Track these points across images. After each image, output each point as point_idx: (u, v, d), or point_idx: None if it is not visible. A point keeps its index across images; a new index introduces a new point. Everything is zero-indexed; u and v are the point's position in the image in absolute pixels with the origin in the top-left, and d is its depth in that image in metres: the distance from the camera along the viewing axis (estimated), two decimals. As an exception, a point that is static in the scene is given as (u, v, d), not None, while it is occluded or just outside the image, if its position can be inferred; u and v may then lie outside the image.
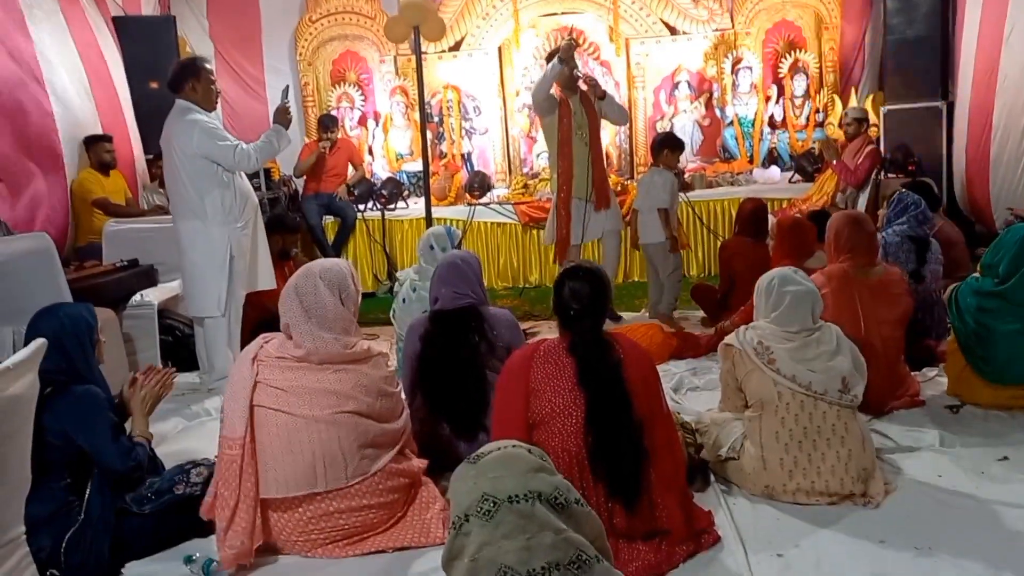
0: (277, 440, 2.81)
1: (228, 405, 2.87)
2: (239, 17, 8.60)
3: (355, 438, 2.85)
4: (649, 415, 2.78)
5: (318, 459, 2.80)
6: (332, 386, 2.86)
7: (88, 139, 6.58)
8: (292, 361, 2.88)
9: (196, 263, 4.62)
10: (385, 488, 2.91)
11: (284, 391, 2.84)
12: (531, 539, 1.71)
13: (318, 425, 2.81)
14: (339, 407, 2.84)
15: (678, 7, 8.30)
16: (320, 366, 2.88)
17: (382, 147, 8.41)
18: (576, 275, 2.89)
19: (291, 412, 2.82)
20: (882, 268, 3.96)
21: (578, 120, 5.50)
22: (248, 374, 2.86)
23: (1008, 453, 3.29)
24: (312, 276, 2.96)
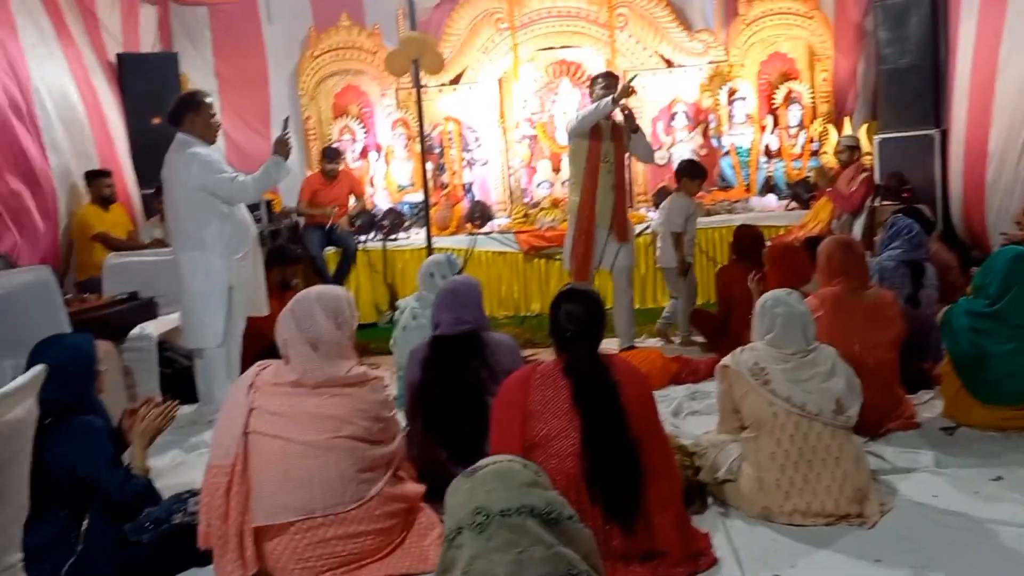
0: (273, 466, 2.80)
1: (219, 432, 2.86)
2: (243, 55, 8.70)
3: (352, 463, 2.85)
4: (646, 436, 2.81)
5: (315, 484, 2.79)
6: (329, 411, 2.87)
7: (88, 174, 6.65)
8: (288, 387, 2.89)
9: (195, 294, 4.65)
10: (382, 514, 2.91)
11: (280, 416, 2.84)
12: (522, 553, 1.73)
13: (315, 450, 2.80)
14: (336, 432, 2.84)
15: (674, 40, 8.41)
16: (316, 390, 2.89)
17: (384, 178, 8.48)
18: (572, 298, 2.93)
19: (288, 438, 2.81)
20: (875, 291, 4.01)
21: (606, 147, 5.45)
22: (244, 401, 2.86)
23: (1002, 473, 3.31)
24: (309, 300, 2.99)
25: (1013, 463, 3.41)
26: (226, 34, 8.69)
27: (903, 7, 7.47)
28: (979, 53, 6.52)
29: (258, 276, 4.93)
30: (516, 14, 8.37)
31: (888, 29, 7.53)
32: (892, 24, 7.50)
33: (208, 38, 8.67)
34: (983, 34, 6.49)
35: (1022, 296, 3.74)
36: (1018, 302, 3.74)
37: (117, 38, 7.57)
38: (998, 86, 6.21)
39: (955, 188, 7.10)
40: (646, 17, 8.37)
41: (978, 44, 6.55)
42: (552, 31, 8.47)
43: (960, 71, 6.94)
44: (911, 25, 7.38)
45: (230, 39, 8.70)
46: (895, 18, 7.48)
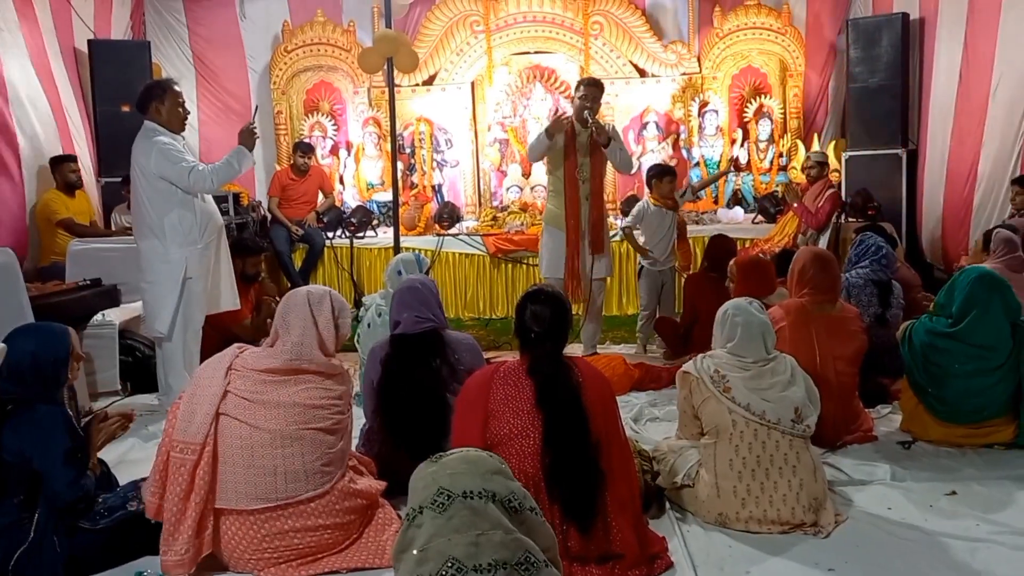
0: (239, 452, 2.80)
1: (188, 408, 2.83)
2: (219, 46, 8.67)
3: (316, 455, 2.85)
4: (606, 439, 2.81)
5: (279, 475, 2.79)
6: (300, 399, 2.87)
7: (53, 160, 6.58)
8: (264, 373, 2.89)
9: (153, 283, 4.60)
10: (342, 508, 2.90)
11: (252, 403, 2.84)
12: (481, 535, 1.74)
13: (283, 440, 2.81)
14: (305, 423, 2.85)
15: (647, 50, 8.47)
16: (292, 378, 2.90)
17: (353, 176, 8.45)
18: (538, 298, 2.93)
19: (256, 425, 2.81)
20: (839, 305, 4.04)
21: (581, 156, 5.39)
22: (220, 382, 2.86)
23: (956, 488, 3.36)
24: (324, 291, 3.07)
25: (967, 478, 3.46)
26: (201, 25, 8.63)
27: (875, 27, 7.60)
28: (969, 74, 6.55)
29: (221, 269, 4.86)
30: (492, 18, 8.39)
31: (860, 48, 7.64)
32: (864, 43, 7.62)
33: (183, 28, 8.59)
34: (972, 56, 6.53)
35: (982, 317, 3.78)
36: (978, 322, 3.78)
37: (89, 25, 7.48)
38: (990, 111, 6.26)
39: (932, 208, 7.18)
40: (621, 26, 8.43)
41: (967, 66, 6.59)
42: (527, 36, 8.51)
43: (940, 92, 7.03)
44: (882, 45, 7.51)
45: (205, 30, 8.64)
46: (867, 38, 7.60)
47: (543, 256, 5.68)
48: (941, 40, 7.02)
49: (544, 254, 5.66)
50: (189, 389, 2.91)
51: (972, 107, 6.50)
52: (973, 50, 6.49)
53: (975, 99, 6.47)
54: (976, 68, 6.46)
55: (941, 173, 7.01)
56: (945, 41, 6.95)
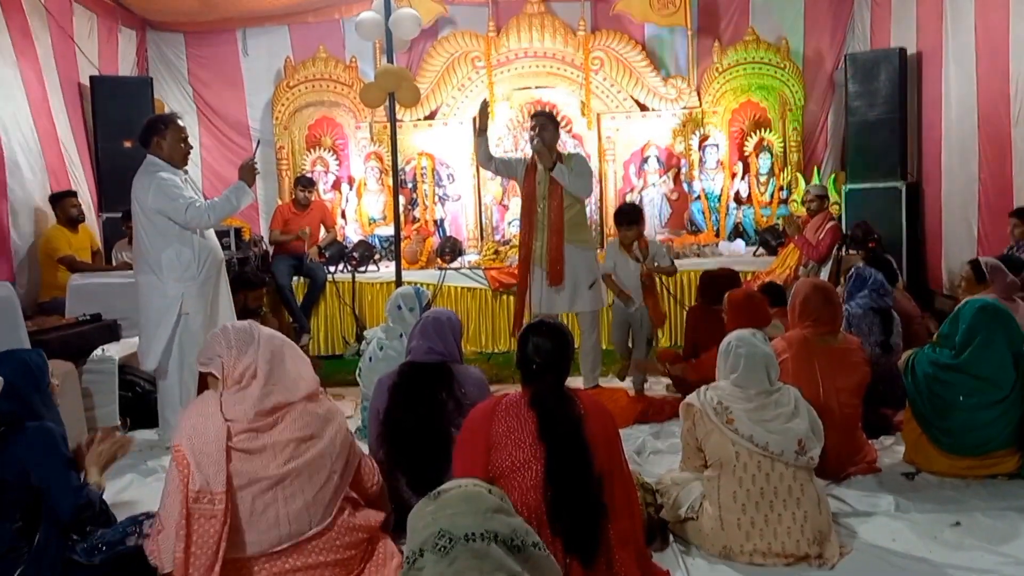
0: (240, 500, 2.69)
1: (195, 457, 2.65)
2: (220, 82, 8.77)
3: (317, 488, 2.78)
4: (609, 472, 2.80)
5: (282, 516, 2.71)
6: (289, 434, 2.79)
7: (54, 196, 6.61)
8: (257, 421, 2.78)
9: (150, 318, 4.59)
10: (342, 544, 2.85)
11: (248, 451, 2.73)
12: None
13: (281, 484, 2.72)
14: (299, 454, 2.77)
15: (648, 85, 8.54)
16: (278, 414, 2.81)
17: (355, 211, 8.48)
18: (539, 330, 2.93)
19: (256, 476, 2.71)
20: (842, 336, 4.04)
21: (541, 189, 5.33)
22: (220, 426, 2.72)
23: (961, 519, 3.33)
24: (280, 340, 2.94)
25: (972, 509, 3.44)
26: (202, 61, 8.74)
27: (873, 62, 7.67)
28: (984, 102, 6.52)
29: (221, 304, 4.83)
30: (493, 53, 8.47)
31: (858, 82, 7.71)
32: (862, 78, 7.69)
33: (184, 65, 8.68)
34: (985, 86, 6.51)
35: (985, 348, 3.78)
36: (981, 353, 3.78)
37: (93, 61, 7.56)
38: (1015, 140, 6.17)
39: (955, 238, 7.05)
40: (621, 61, 8.51)
41: (981, 96, 6.56)
42: (528, 71, 8.59)
43: (952, 120, 7.00)
44: (880, 79, 7.58)
45: (206, 66, 8.74)
46: (865, 72, 7.67)
47: (531, 290, 5.53)
48: (949, 74, 7.03)
49: (531, 287, 5.53)
50: (184, 440, 2.72)
51: (995, 134, 6.42)
52: (987, 82, 6.49)
53: (996, 124, 6.39)
54: (992, 95, 6.43)
55: (971, 205, 6.79)
56: (954, 75, 6.95)
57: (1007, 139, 6.23)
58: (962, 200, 6.90)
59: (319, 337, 7.66)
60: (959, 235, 6.97)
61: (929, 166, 7.58)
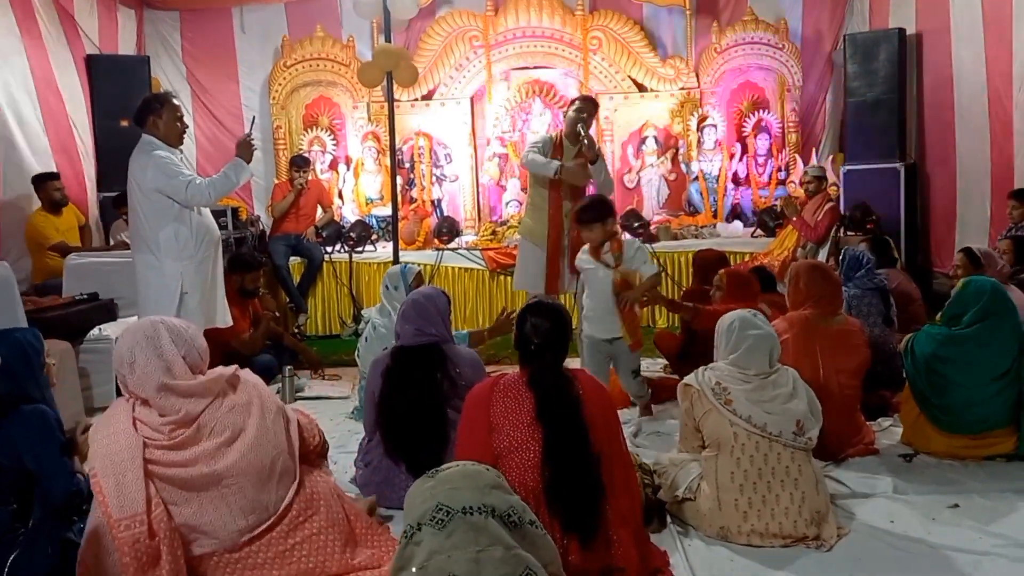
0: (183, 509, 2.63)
1: (111, 480, 2.56)
2: (215, 61, 8.69)
3: (260, 471, 2.72)
4: (607, 452, 2.80)
5: (236, 513, 2.67)
6: (221, 436, 2.70)
7: (36, 178, 6.42)
8: (174, 434, 2.69)
9: (148, 298, 4.56)
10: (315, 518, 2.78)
11: (179, 467, 2.65)
12: (481, 552, 1.72)
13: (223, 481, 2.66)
14: (231, 452, 2.69)
15: (646, 65, 8.49)
16: (197, 422, 2.71)
17: (352, 191, 8.45)
18: (538, 310, 2.93)
19: (191, 483, 2.64)
20: (843, 318, 4.05)
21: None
22: (134, 444, 2.62)
23: (959, 501, 3.34)
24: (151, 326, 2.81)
25: (969, 491, 3.45)
26: (197, 40, 8.66)
27: (872, 42, 7.63)
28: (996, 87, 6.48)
29: (217, 284, 4.82)
30: (491, 33, 8.41)
31: (857, 63, 7.67)
32: (861, 58, 7.65)
33: (178, 43, 8.62)
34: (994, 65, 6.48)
35: (998, 320, 3.80)
36: (995, 324, 3.80)
37: (94, 40, 7.50)
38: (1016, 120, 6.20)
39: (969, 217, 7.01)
40: (620, 41, 8.45)
41: (991, 76, 6.52)
42: (526, 51, 8.52)
43: (965, 105, 6.95)
44: (880, 59, 7.54)
45: (201, 45, 8.67)
46: (864, 52, 7.64)
47: (518, 269, 5.56)
48: (959, 53, 6.98)
49: (519, 267, 5.54)
50: (98, 463, 2.61)
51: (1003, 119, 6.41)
52: (993, 63, 6.46)
53: (1004, 111, 6.38)
54: (999, 80, 6.41)
55: (982, 184, 6.78)
56: (964, 54, 6.91)
57: (1009, 118, 6.22)
58: (974, 181, 6.88)
59: (316, 317, 7.65)
60: (973, 216, 6.94)
61: (934, 147, 7.56)
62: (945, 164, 7.32)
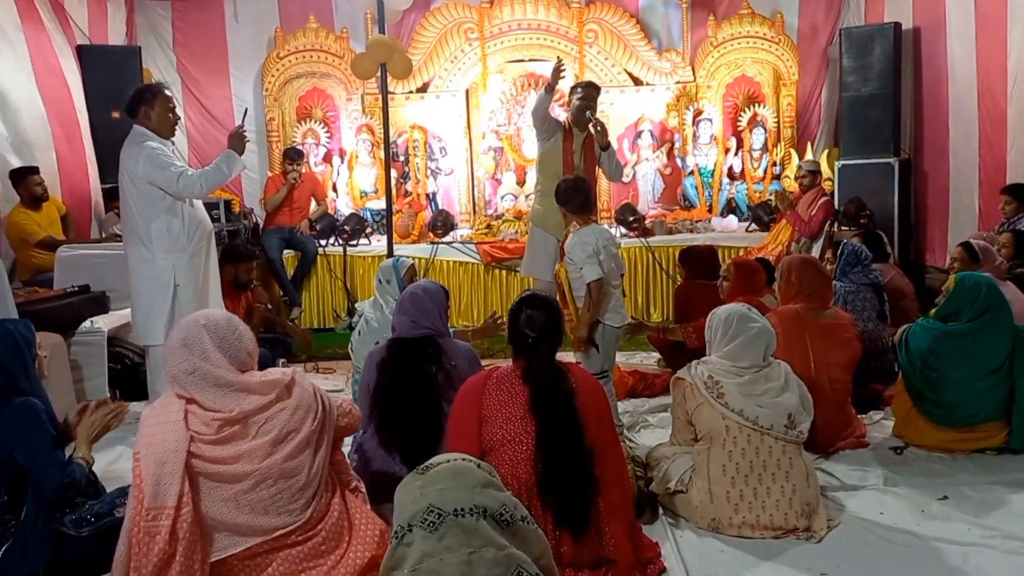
0: (220, 504, 2.60)
1: (151, 469, 2.53)
2: (206, 52, 8.64)
3: (296, 479, 2.67)
4: (600, 445, 2.80)
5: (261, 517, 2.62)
6: (268, 436, 2.66)
7: (16, 172, 6.18)
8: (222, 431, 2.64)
9: (141, 291, 4.55)
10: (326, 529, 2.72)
11: (223, 463, 2.62)
12: (473, 554, 1.71)
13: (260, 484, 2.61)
14: (275, 453, 2.65)
15: (642, 59, 8.48)
16: (248, 421, 2.67)
17: (346, 184, 8.42)
18: (532, 303, 2.92)
19: (234, 479, 2.61)
20: (833, 311, 4.06)
21: (576, 158, 5.30)
22: (181, 438, 2.59)
23: (948, 493, 3.36)
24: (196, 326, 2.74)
25: (959, 483, 3.47)
26: (188, 30, 8.60)
27: (868, 36, 7.63)
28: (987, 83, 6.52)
29: (210, 277, 4.81)
30: (486, 25, 8.39)
31: (852, 57, 7.67)
32: (856, 52, 7.64)
33: (169, 33, 8.57)
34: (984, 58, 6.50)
35: (996, 316, 3.81)
36: (993, 319, 3.81)
37: (84, 30, 7.47)
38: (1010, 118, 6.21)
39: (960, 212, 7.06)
40: (616, 34, 8.43)
41: (981, 70, 6.56)
42: (522, 44, 8.50)
43: (958, 96, 6.99)
44: (875, 54, 7.54)
45: (192, 35, 8.61)
46: (859, 47, 7.63)
47: (528, 256, 5.48)
48: (953, 49, 7.00)
49: (529, 254, 5.47)
50: (143, 448, 2.59)
51: (995, 115, 6.44)
52: (986, 58, 6.47)
53: (997, 107, 6.41)
54: (992, 76, 6.42)
55: (972, 180, 6.84)
56: (958, 50, 6.92)
57: (1001, 114, 6.22)
58: (964, 176, 6.91)
59: (310, 310, 7.64)
60: (964, 211, 6.96)
61: (928, 142, 7.57)
62: (939, 159, 7.34)
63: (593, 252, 4.07)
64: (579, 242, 4.14)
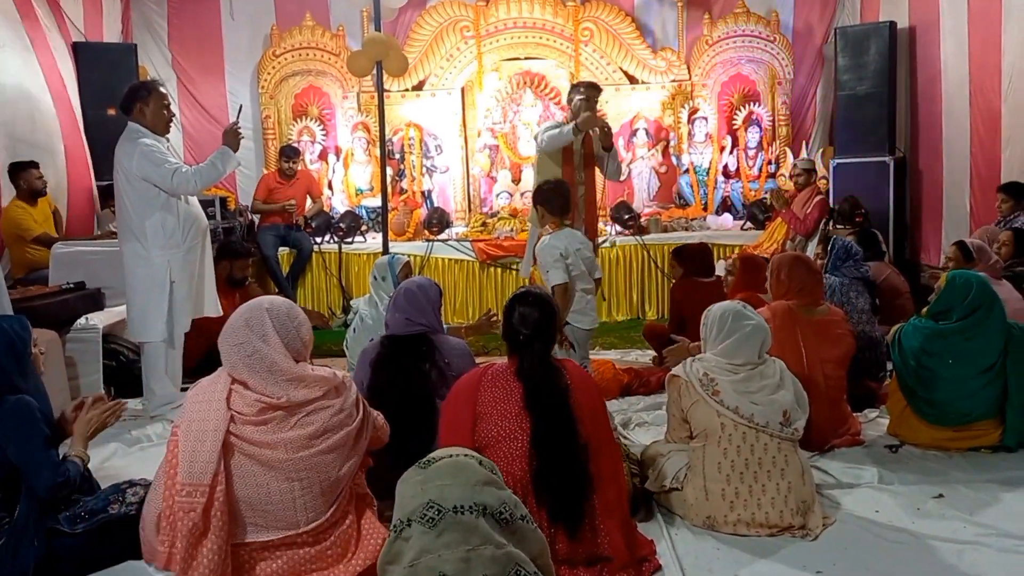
0: (251, 488, 2.62)
1: (189, 446, 2.58)
2: (201, 49, 8.63)
3: (324, 478, 2.68)
4: (595, 442, 2.80)
5: (286, 510, 2.63)
6: (304, 430, 2.66)
7: (16, 166, 6.18)
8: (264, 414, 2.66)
9: (136, 287, 4.54)
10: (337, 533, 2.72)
11: (260, 445, 2.63)
12: (471, 551, 1.71)
13: (290, 476, 2.62)
14: (310, 448, 2.65)
15: (637, 57, 8.48)
16: (293, 411, 2.68)
17: (342, 181, 8.42)
18: (526, 300, 2.92)
19: (267, 463, 2.62)
20: (826, 308, 4.06)
21: (576, 158, 5.32)
22: (221, 417, 2.62)
23: (943, 491, 3.36)
24: (259, 310, 2.76)
25: (954, 481, 3.47)
26: (184, 27, 8.60)
27: (863, 35, 7.64)
28: (980, 83, 6.53)
29: (206, 273, 4.80)
30: (482, 23, 8.39)
31: (847, 56, 7.68)
32: (851, 51, 7.66)
33: (165, 30, 8.56)
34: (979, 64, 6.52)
35: (987, 317, 3.81)
36: (984, 318, 3.81)
37: (79, 27, 7.44)
38: (1004, 115, 6.22)
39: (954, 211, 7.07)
40: (611, 33, 8.44)
41: (973, 69, 6.59)
42: (517, 42, 8.51)
43: (951, 95, 7.01)
44: (870, 53, 7.55)
45: (187, 32, 8.61)
46: (855, 46, 7.64)
47: (528, 255, 5.43)
48: (946, 48, 7.02)
49: (530, 253, 5.40)
50: (183, 423, 2.65)
51: (988, 114, 6.45)
52: (980, 57, 6.48)
53: (991, 106, 6.42)
54: (986, 75, 6.44)
55: (965, 178, 6.86)
56: (951, 49, 6.94)
57: (994, 113, 6.24)
58: (957, 174, 6.92)
59: (305, 308, 7.63)
60: (957, 210, 6.98)
61: (922, 141, 7.59)
62: (933, 158, 7.36)
63: (560, 257, 4.31)
64: (549, 246, 4.38)
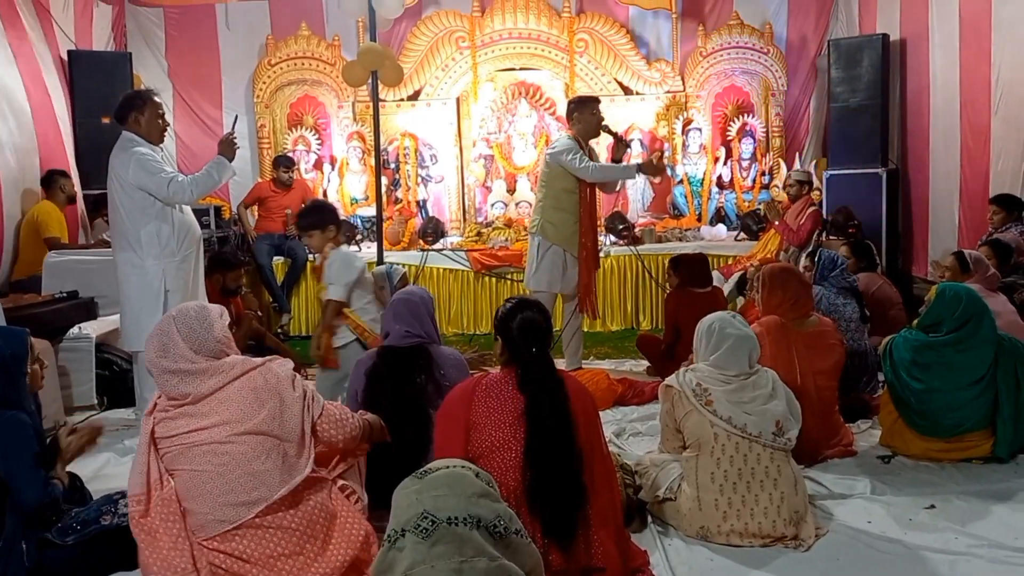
0: (190, 479, 2.66)
1: (135, 460, 2.73)
2: (197, 58, 8.64)
3: (257, 457, 2.67)
4: (589, 453, 2.80)
5: (224, 494, 2.63)
6: (224, 416, 2.69)
7: (53, 173, 6.55)
8: (179, 407, 2.71)
9: (130, 296, 4.52)
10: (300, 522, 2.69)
11: (182, 437, 2.68)
12: (465, 563, 1.70)
13: (218, 456, 2.64)
14: (232, 429, 2.67)
15: (632, 68, 8.52)
16: (205, 402, 2.72)
17: (337, 191, 8.42)
18: (527, 307, 2.90)
19: (195, 449, 2.66)
20: (816, 319, 4.07)
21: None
22: (146, 429, 2.70)
23: (935, 502, 3.37)
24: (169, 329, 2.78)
25: (946, 492, 3.48)
26: (180, 37, 8.61)
27: (856, 47, 7.68)
28: (970, 95, 6.58)
29: (200, 282, 4.79)
30: (477, 34, 8.42)
31: (841, 68, 7.73)
32: (845, 63, 7.70)
33: (161, 40, 8.57)
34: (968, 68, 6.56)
35: (977, 329, 3.83)
36: (974, 330, 3.83)
37: (70, 35, 7.44)
38: (994, 128, 6.26)
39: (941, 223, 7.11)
40: (606, 44, 8.48)
41: (964, 80, 6.63)
42: (512, 52, 8.53)
43: (940, 107, 7.05)
44: (863, 65, 7.60)
45: (184, 42, 8.62)
46: (848, 58, 7.69)
47: (542, 269, 5.39)
48: (935, 60, 7.07)
49: (538, 268, 5.40)
50: None
51: (978, 127, 6.49)
52: (970, 70, 6.53)
53: (980, 119, 6.46)
54: (976, 88, 6.48)
55: (953, 191, 6.89)
56: (940, 61, 6.99)
57: (983, 126, 6.27)
58: (946, 187, 6.95)
59: (299, 317, 7.62)
60: (944, 222, 7.01)
61: (915, 153, 7.62)
62: (925, 170, 7.39)
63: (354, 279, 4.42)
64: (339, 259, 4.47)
